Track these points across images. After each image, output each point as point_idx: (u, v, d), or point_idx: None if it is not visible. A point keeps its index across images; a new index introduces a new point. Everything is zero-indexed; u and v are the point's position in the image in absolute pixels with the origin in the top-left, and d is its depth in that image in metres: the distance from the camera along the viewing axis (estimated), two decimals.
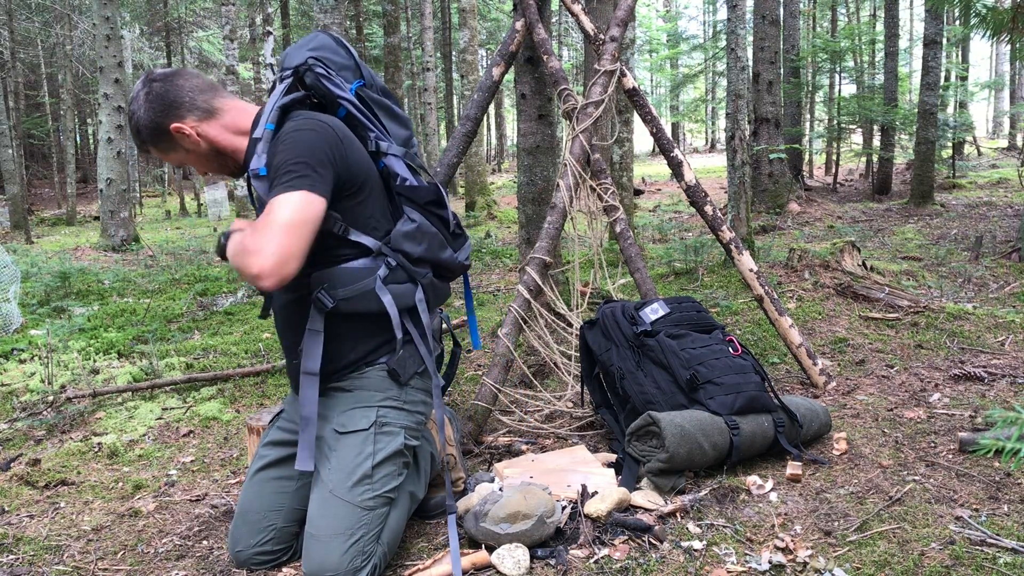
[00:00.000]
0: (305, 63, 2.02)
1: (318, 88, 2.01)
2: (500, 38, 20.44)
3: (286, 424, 2.11)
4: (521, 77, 3.63)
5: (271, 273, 1.71)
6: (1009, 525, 2.04)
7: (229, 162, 2.04)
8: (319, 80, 2.01)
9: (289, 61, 2.07)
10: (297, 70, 2.02)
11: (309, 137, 1.86)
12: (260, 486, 2.04)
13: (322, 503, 1.89)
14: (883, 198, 11.68)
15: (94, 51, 10.95)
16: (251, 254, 1.72)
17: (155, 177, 24.34)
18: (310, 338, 1.93)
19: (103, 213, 10.11)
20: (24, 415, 3.42)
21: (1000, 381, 3.22)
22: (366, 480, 1.91)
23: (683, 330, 2.68)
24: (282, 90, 1.99)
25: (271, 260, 1.71)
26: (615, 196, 3.23)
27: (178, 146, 1.98)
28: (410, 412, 2.05)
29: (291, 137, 1.87)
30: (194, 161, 2.03)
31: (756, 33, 10.21)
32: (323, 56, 2.07)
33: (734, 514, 2.17)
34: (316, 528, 1.87)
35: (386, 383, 2.01)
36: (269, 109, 1.95)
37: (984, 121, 30.72)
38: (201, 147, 1.99)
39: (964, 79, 19.45)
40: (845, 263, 4.99)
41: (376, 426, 1.97)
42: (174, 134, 1.95)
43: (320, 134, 1.88)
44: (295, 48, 2.11)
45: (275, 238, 1.72)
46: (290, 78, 2.02)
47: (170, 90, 1.96)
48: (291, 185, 1.78)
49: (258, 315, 2.26)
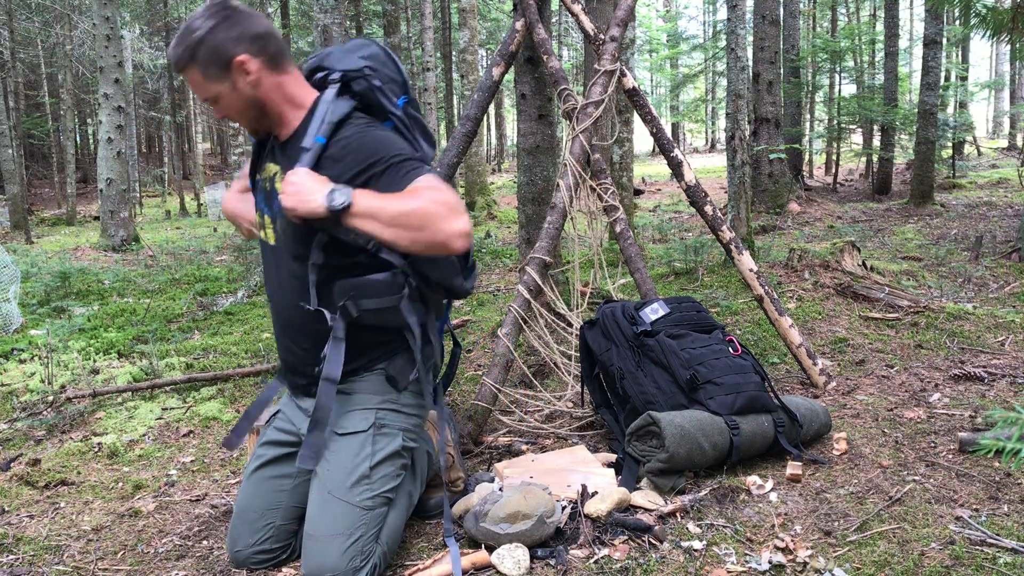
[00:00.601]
0: (360, 71, 2.00)
1: (370, 98, 2.00)
2: (500, 38, 20.44)
3: (283, 424, 2.11)
4: (521, 77, 3.63)
5: (469, 232, 1.80)
6: (1009, 525, 2.04)
7: (264, 123, 1.97)
8: (374, 92, 2.00)
9: (336, 63, 2.03)
10: (347, 74, 1.99)
11: (394, 137, 1.93)
12: (258, 485, 2.04)
13: (321, 503, 1.90)
14: (883, 198, 11.68)
15: (94, 51, 10.96)
16: (447, 217, 1.75)
17: (155, 177, 24.33)
18: (334, 345, 1.92)
19: (103, 213, 10.11)
20: (24, 415, 3.42)
21: (1000, 381, 3.22)
22: (364, 480, 1.91)
23: (683, 330, 2.68)
24: (332, 96, 1.95)
25: (467, 220, 1.79)
26: (615, 196, 3.23)
27: (227, 80, 1.86)
28: (407, 415, 2.06)
29: (377, 136, 1.90)
30: (229, 103, 1.90)
31: (756, 33, 10.21)
32: (375, 66, 2.05)
33: (734, 514, 2.17)
34: (315, 528, 1.87)
35: (384, 387, 2.02)
36: (321, 118, 1.90)
37: (984, 121, 30.71)
38: (248, 93, 1.89)
39: (964, 79, 19.45)
40: (845, 263, 4.99)
41: (375, 428, 1.97)
42: (234, 65, 1.85)
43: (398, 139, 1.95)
44: (343, 51, 2.07)
45: (457, 201, 1.78)
46: (338, 82, 1.98)
47: (255, 22, 1.89)
48: (417, 170, 1.83)
49: (259, 315, 2.26)
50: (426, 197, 1.77)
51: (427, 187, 1.79)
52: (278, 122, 1.98)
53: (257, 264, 6.61)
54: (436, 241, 1.78)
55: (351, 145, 1.88)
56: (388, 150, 1.87)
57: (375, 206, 1.77)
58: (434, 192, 1.78)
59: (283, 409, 2.15)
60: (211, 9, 1.86)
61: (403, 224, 1.76)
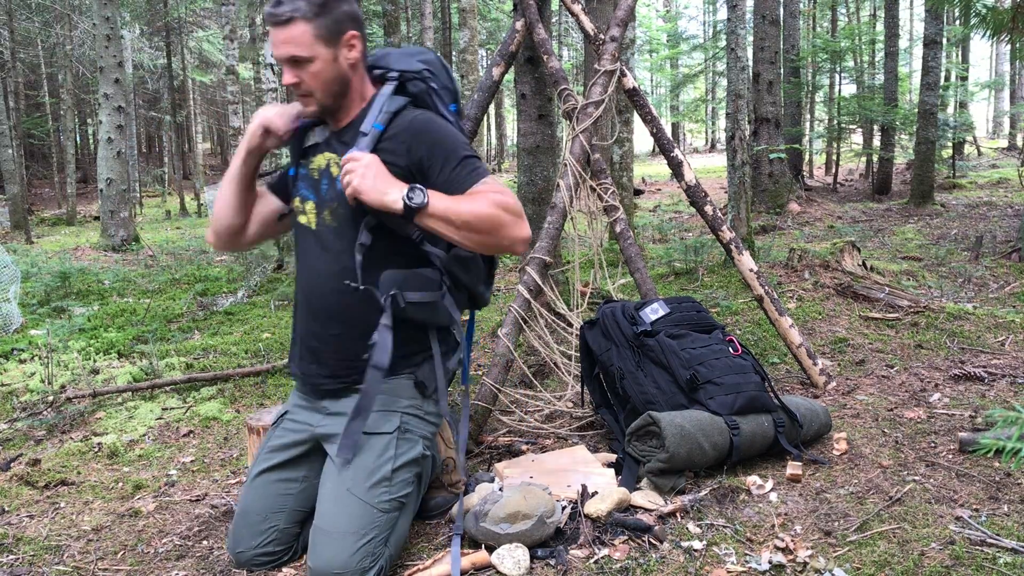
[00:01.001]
0: (419, 73, 2.07)
1: (424, 100, 2.06)
2: (500, 38, 20.44)
3: (292, 425, 2.10)
4: (521, 77, 3.63)
5: (529, 237, 1.93)
6: (1009, 525, 2.04)
7: (337, 103, 2.00)
8: (430, 94, 2.07)
9: (393, 63, 2.09)
10: (404, 75, 2.06)
11: (455, 130, 2.01)
12: (263, 488, 2.04)
13: (337, 500, 1.89)
14: (883, 198, 11.68)
15: (94, 51, 10.96)
16: (513, 224, 1.88)
17: (155, 177, 24.33)
18: (383, 333, 1.93)
19: (103, 213, 10.11)
20: (24, 415, 3.42)
21: (1000, 381, 3.22)
22: (384, 483, 1.92)
23: (683, 330, 2.68)
24: (390, 91, 2.02)
25: (528, 228, 1.93)
26: (615, 196, 3.23)
27: (332, 48, 1.92)
28: (428, 423, 2.08)
29: (441, 124, 1.97)
30: (322, 69, 1.92)
31: (756, 33, 10.21)
32: (433, 71, 2.12)
33: (734, 514, 2.17)
34: (329, 524, 1.87)
35: (411, 392, 2.05)
36: (380, 108, 1.98)
37: (984, 121, 30.70)
38: (343, 69, 1.96)
39: (964, 79, 19.45)
40: (845, 263, 4.99)
41: (399, 431, 1.99)
42: (345, 39, 1.93)
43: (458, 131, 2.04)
44: (402, 54, 2.14)
45: (520, 207, 1.91)
46: (396, 81, 2.05)
47: (361, 15, 2.00)
48: (481, 171, 1.93)
49: (259, 315, 2.27)
50: (495, 202, 1.87)
51: (494, 191, 1.89)
52: (346, 107, 2.03)
53: (257, 264, 6.61)
54: (501, 246, 1.91)
55: (414, 127, 1.95)
56: (454, 142, 1.95)
57: (449, 209, 1.84)
58: (501, 197, 1.88)
59: (291, 411, 2.14)
60: None
61: (474, 228, 1.86)
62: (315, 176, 2.07)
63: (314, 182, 2.07)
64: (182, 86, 23.27)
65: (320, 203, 2.04)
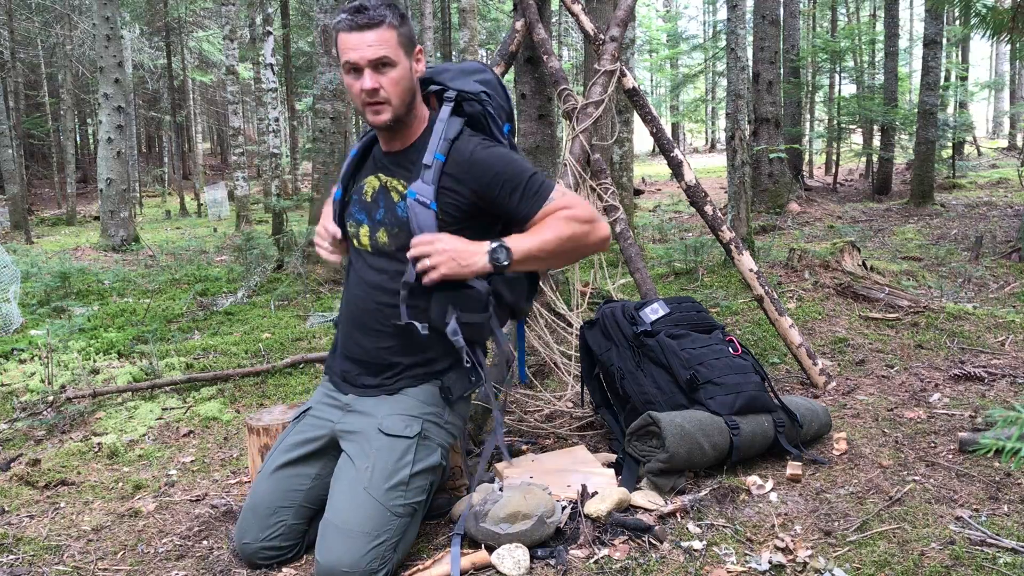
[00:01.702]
0: (477, 96, 2.10)
1: (480, 123, 2.10)
2: (500, 38, 20.44)
3: (313, 421, 2.11)
4: (521, 77, 3.63)
5: (609, 234, 2.03)
6: (1009, 525, 2.04)
7: (408, 109, 2.03)
8: (486, 118, 2.10)
9: (450, 81, 2.13)
10: (462, 94, 2.09)
11: (512, 153, 2.06)
12: (276, 482, 2.04)
13: (353, 497, 1.89)
14: (883, 198, 11.68)
15: (94, 51, 10.95)
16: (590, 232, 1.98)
17: (155, 177, 24.33)
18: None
19: (103, 213, 10.11)
20: (24, 415, 3.42)
21: (1000, 381, 3.22)
22: (402, 486, 1.92)
23: (683, 330, 2.68)
24: (448, 115, 2.06)
25: (606, 224, 2.03)
26: (615, 196, 3.23)
27: (410, 58, 1.99)
28: (448, 432, 2.09)
29: (500, 156, 2.01)
30: (402, 75, 1.97)
31: (756, 33, 10.21)
32: (490, 92, 2.16)
33: (734, 514, 2.17)
34: (342, 521, 1.86)
35: (434, 398, 2.07)
36: (439, 137, 2.01)
37: (984, 121, 30.71)
38: (414, 81, 2.02)
39: (964, 79, 19.45)
40: (845, 263, 4.99)
41: (420, 437, 2.00)
42: (416, 50, 2.00)
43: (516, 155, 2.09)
44: (459, 71, 2.17)
45: (590, 210, 2.01)
46: (453, 101, 2.08)
47: None
48: (547, 185, 2.00)
49: (259, 314, 2.28)
50: (567, 218, 1.96)
51: (564, 206, 1.98)
52: (409, 124, 2.06)
53: (257, 265, 6.61)
54: (586, 254, 2.04)
55: (474, 161, 1.99)
56: (515, 169, 2.00)
57: (532, 249, 1.95)
58: (571, 211, 1.97)
59: (315, 407, 2.15)
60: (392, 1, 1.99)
61: (559, 254, 1.99)
62: (368, 199, 2.10)
63: (367, 204, 2.10)
64: (182, 86, 23.28)
65: (374, 226, 2.08)
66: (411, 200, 1.98)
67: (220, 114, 28.31)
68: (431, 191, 1.98)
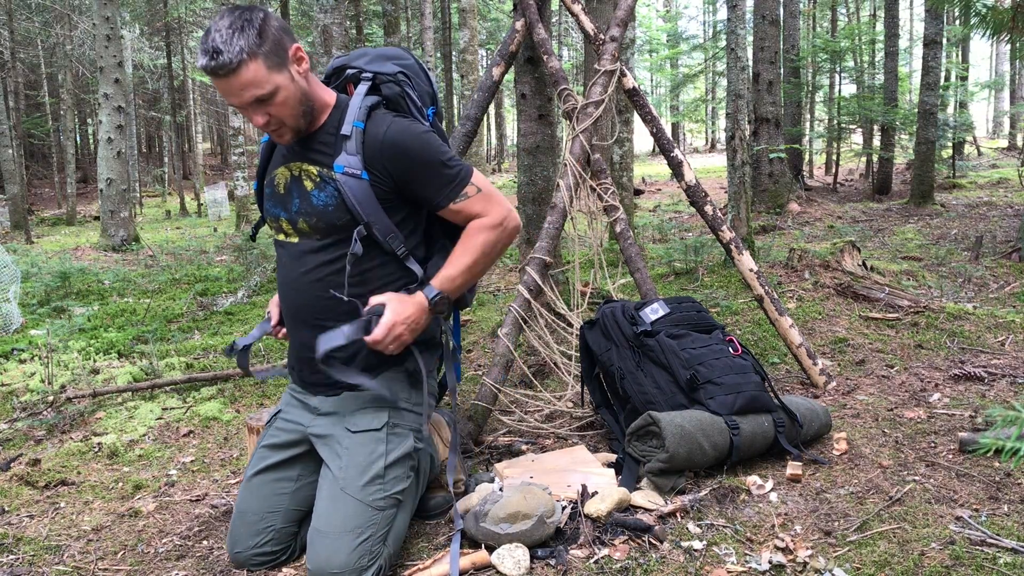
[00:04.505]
0: (395, 76, 2.05)
1: (399, 105, 2.05)
2: (500, 38, 20.44)
3: (285, 425, 2.10)
4: (521, 77, 3.63)
5: (518, 225, 2.07)
6: (1009, 525, 2.04)
7: (306, 117, 1.94)
8: (405, 99, 2.06)
9: (366, 65, 2.07)
10: (378, 76, 2.04)
11: (435, 138, 2.00)
12: (258, 488, 2.04)
13: (332, 500, 1.89)
14: (883, 198, 11.68)
15: (94, 51, 10.95)
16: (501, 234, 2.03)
17: (155, 177, 24.33)
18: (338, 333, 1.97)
19: (103, 213, 10.11)
20: (24, 415, 3.42)
21: (1000, 381, 3.22)
22: (378, 480, 1.91)
23: (683, 330, 2.68)
24: (364, 91, 2.00)
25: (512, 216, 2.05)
26: (615, 196, 3.23)
27: (286, 69, 1.85)
28: (416, 414, 2.08)
29: (416, 136, 1.96)
30: (287, 95, 1.86)
31: (756, 33, 10.21)
32: (409, 75, 2.11)
33: (734, 514, 2.17)
34: (325, 524, 1.86)
35: (399, 385, 2.05)
36: (357, 106, 1.96)
37: (984, 121, 30.72)
38: (302, 85, 1.89)
39: (964, 79, 19.45)
40: (845, 263, 4.99)
41: (388, 427, 1.99)
42: (291, 54, 1.86)
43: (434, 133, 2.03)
44: (376, 55, 2.12)
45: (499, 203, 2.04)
46: (369, 81, 2.03)
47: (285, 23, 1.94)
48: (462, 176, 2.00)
49: (259, 315, 2.29)
50: (481, 228, 2.00)
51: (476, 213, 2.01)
52: (318, 114, 1.98)
53: (257, 264, 6.61)
54: (504, 252, 2.09)
55: (388, 140, 1.93)
56: (430, 153, 1.97)
57: (456, 276, 2.00)
58: (483, 219, 2.01)
59: (285, 410, 2.14)
60: (242, 7, 1.86)
61: (484, 265, 2.05)
62: (281, 191, 2.03)
63: (281, 197, 2.03)
64: (182, 86, 23.27)
65: (292, 217, 2.01)
66: (339, 175, 1.91)
67: (220, 114, 28.31)
68: (358, 160, 1.91)
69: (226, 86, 1.80)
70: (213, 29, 1.77)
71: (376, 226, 1.94)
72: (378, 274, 1.99)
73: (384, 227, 1.96)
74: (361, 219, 1.93)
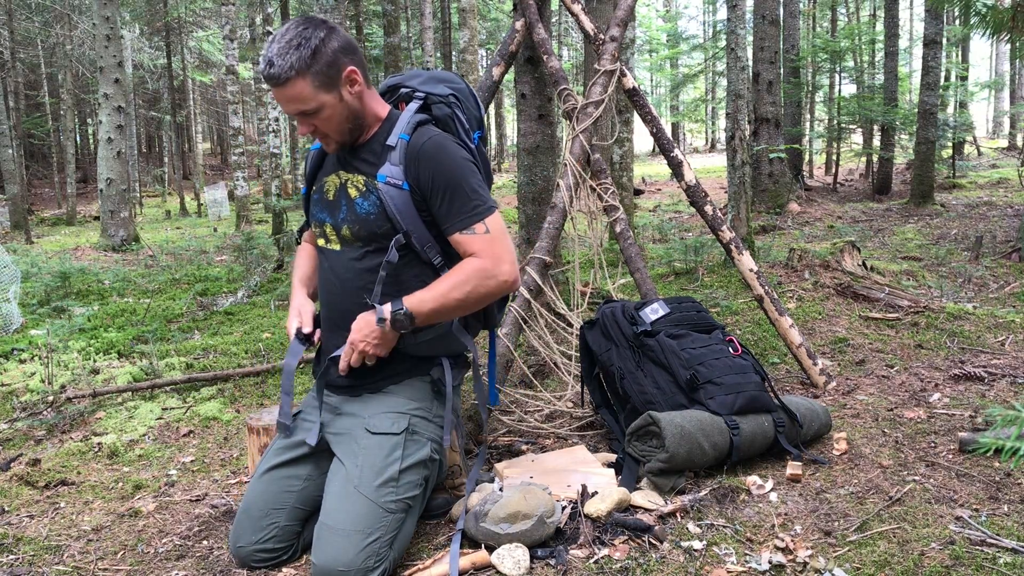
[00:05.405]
0: (446, 98, 2.11)
1: (447, 125, 2.09)
2: (500, 38, 20.44)
3: (303, 424, 2.12)
4: (521, 77, 3.63)
5: (515, 280, 2.00)
6: (1009, 525, 2.04)
7: (353, 133, 2.02)
8: (454, 120, 2.10)
9: (420, 85, 2.14)
10: (429, 97, 2.10)
11: (471, 167, 2.01)
12: (267, 484, 2.05)
13: (344, 497, 1.89)
14: (883, 198, 11.68)
15: (94, 51, 10.95)
16: (496, 283, 1.96)
17: (155, 177, 24.33)
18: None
19: (103, 213, 10.11)
20: (24, 415, 3.42)
21: (1000, 381, 3.22)
22: (392, 483, 1.92)
23: (683, 330, 2.68)
24: (415, 108, 2.06)
25: (512, 270, 1.98)
26: (615, 196, 3.23)
27: (336, 90, 1.92)
28: (437, 426, 2.09)
29: (452, 153, 1.98)
30: (333, 114, 1.94)
31: (756, 33, 10.21)
32: (460, 99, 2.16)
33: (734, 514, 2.17)
34: (335, 521, 1.87)
35: (421, 393, 2.08)
36: (406, 121, 2.01)
37: (984, 121, 30.71)
38: (352, 105, 1.96)
39: (964, 79, 19.45)
40: (845, 263, 4.99)
41: (407, 433, 2.00)
42: (344, 76, 1.92)
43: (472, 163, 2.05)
44: (430, 77, 2.18)
45: (506, 252, 1.98)
46: (421, 100, 2.09)
47: (352, 41, 1.97)
48: (482, 210, 1.98)
49: (259, 314, 2.29)
50: (474, 271, 1.95)
51: (476, 251, 1.96)
52: (369, 128, 2.05)
53: (257, 264, 6.61)
54: (492, 301, 2.04)
55: (425, 149, 1.97)
56: (461, 174, 1.98)
57: (429, 300, 1.95)
58: (480, 261, 1.95)
59: (305, 411, 2.16)
60: (312, 21, 1.91)
61: (454, 303, 1.96)
62: (330, 197, 2.10)
63: (330, 203, 2.09)
64: (182, 86, 23.28)
65: (337, 224, 2.07)
66: (382, 184, 1.97)
67: (220, 114, 28.32)
68: (400, 171, 1.97)
69: (277, 94, 1.91)
70: (276, 38, 1.87)
71: (415, 235, 1.99)
72: (415, 284, 2.02)
73: (422, 236, 2.00)
74: (400, 228, 1.98)
